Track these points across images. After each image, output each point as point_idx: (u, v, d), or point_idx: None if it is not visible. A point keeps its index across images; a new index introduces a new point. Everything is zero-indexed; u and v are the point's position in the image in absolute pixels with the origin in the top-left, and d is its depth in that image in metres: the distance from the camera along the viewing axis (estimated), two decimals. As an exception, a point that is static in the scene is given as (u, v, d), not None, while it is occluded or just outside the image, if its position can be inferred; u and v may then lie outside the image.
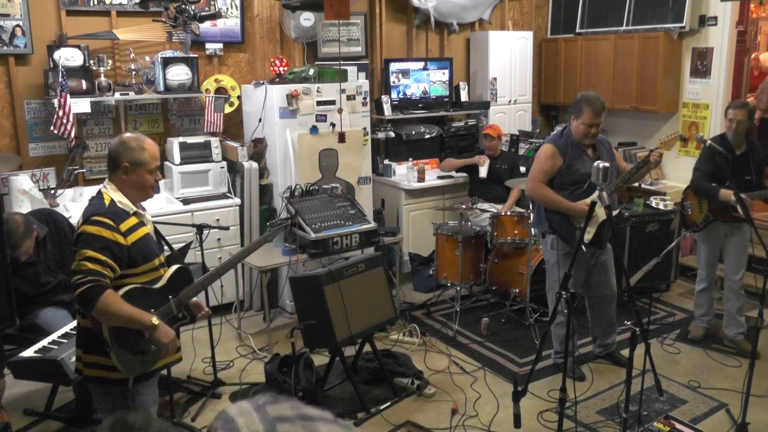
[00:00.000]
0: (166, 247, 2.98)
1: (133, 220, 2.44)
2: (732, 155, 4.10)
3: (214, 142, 5.01)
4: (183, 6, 4.63)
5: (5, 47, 4.53)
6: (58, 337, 3.21)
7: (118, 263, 2.35)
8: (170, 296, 2.53)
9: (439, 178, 5.78)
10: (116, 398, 2.46)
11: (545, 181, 3.79)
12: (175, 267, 2.58)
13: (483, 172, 5.39)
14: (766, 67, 7.67)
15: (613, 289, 4.07)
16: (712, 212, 4.23)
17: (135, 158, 2.45)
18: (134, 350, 2.40)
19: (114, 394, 2.46)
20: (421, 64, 6.08)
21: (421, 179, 5.65)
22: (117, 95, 4.72)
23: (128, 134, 2.54)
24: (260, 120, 5.03)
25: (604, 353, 4.18)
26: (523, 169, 5.64)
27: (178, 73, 4.83)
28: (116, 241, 2.35)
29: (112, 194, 2.45)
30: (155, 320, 2.39)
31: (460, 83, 6.30)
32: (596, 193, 3.78)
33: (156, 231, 2.69)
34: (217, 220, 4.78)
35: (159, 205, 4.68)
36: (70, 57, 4.58)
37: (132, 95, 4.80)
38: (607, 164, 2.75)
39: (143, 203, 2.61)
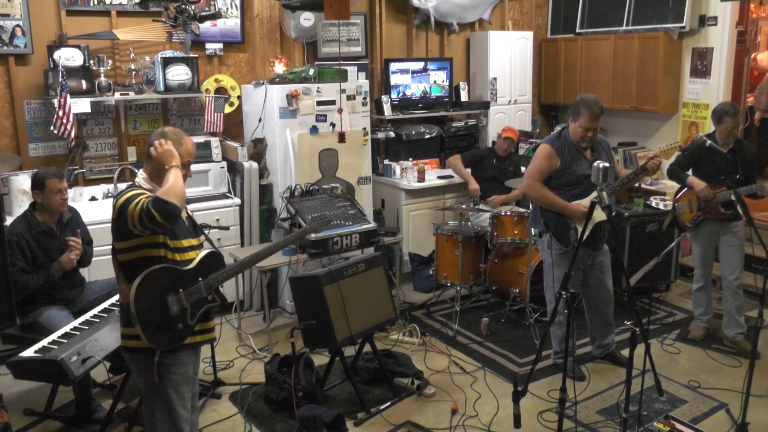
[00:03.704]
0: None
1: None
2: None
3: (214, 142, 5.01)
4: (183, 6, 4.63)
5: (5, 47, 4.53)
6: (58, 337, 3.21)
7: None
8: (200, 278, 2.64)
9: (439, 178, 5.78)
10: (148, 369, 2.59)
11: (541, 179, 3.81)
12: (205, 251, 2.71)
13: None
14: (763, 67, 7.67)
15: (610, 290, 4.07)
16: (701, 211, 4.25)
17: None
18: (159, 325, 2.52)
19: (147, 365, 2.59)
20: (421, 64, 6.09)
21: (421, 179, 5.65)
22: (117, 95, 4.73)
23: (170, 127, 2.69)
24: (260, 120, 5.03)
25: (604, 354, 4.18)
26: (523, 169, 5.64)
27: (178, 73, 4.83)
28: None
29: (144, 185, 2.61)
30: (172, 165, 2.56)
31: (460, 83, 6.31)
32: (594, 193, 3.80)
33: (190, 217, 2.79)
34: (217, 220, 4.78)
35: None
36: (70, 57, 4.58)
37: (132, 95, 4.80)
38: (607, 164, 2.74)
39: None
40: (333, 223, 4.44)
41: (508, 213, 4.98)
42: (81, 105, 4.51)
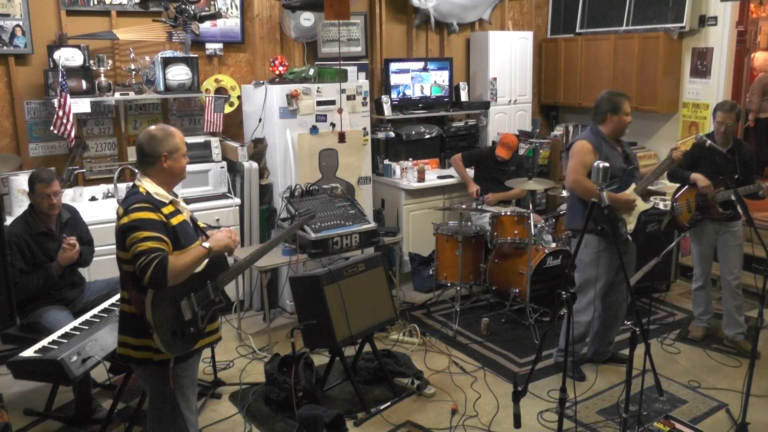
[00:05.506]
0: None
1: (170, 208, 2.59)
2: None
3: (214, 142, 5.01)
4: (183, 6, 4.63)
5: (5, 47, 4.53)
6: (58, 337, 3.21)
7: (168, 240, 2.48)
8: (208, 281, 2.65)
9: (439, 178, 5.78)
10: (157, 378, 2.60)
11: (585, 174, 3.74)
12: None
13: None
14: (757, 66, 7.66)
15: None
16: (700, 211, 4.26)
17: (171, 146, 2.61)
18: (175, 331, 2.52)
19: (156, 375, 2.60)
20: (421, 64, 6.09)
21: (421, 179, 5.65)
22: (117, 95, 4.73)
23: (153, 127, 2.66)
24: (260, 120, 5.03)
25: (603, 360, 4.17)
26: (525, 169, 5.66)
27: (178, 73, 4.83)
28: (162, 221, 2.50)
29: (147, 186, 2.58)
30: (205, 245, 2.57)
31: (460, 83, 6.31)
32: (633, 185, 3.80)
33: (192, 218, 2.78)
34: (217, 220, 4.78)
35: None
36: (70, 57, 4.58)
37: (132, 95, 4.80)
38: (607, 164, 2.75)
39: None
40: (319, 215, 4.44)
41: (508, 213, 4.98)
42: (81, 105, 4.51)
